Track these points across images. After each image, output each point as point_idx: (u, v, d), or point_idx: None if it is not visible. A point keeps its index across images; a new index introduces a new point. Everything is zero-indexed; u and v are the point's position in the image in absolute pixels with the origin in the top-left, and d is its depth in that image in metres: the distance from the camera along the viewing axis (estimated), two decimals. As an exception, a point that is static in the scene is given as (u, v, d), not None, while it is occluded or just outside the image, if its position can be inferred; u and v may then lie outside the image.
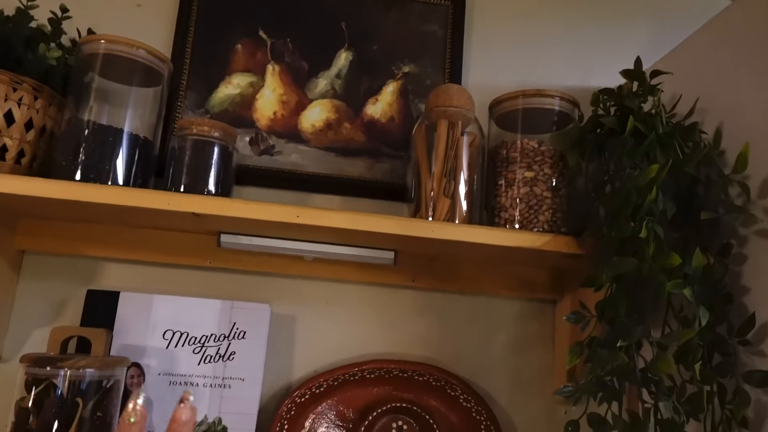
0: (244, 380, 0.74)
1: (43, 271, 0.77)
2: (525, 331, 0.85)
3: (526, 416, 0.82)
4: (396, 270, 0.80)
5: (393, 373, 0.78)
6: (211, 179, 0.70)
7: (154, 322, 0.74)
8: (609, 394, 0.61)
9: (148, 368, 0.73)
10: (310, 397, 0.76)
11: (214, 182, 0.70)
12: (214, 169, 0.71)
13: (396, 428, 0.77)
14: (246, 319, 0.75)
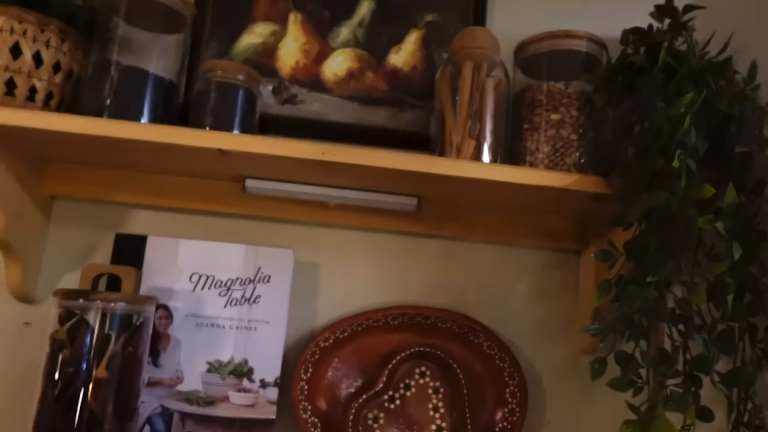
0: (269, 323, 0.75)
1: (73, 217, 0.79)
2: (548, 282, 0.84)
3: (550, 365, 0.82)
4: (419, 218, 0.80)
5: (416, 320, 0.78)
6: (235, 122, 0.70)
7: (181, 265, 0.75)
8: (636, 332, 0.61)
9: (176, 310, 0.74)
10: (333, 342, 0.77)
11: (239, 125, 0.70)
12: (238, 111, 0.71)
13: (419, 373, 0.78)
14: (270, 264, 0.76)
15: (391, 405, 0.76)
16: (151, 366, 0.72)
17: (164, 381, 0.72)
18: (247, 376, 0.73)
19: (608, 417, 0.81)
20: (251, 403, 0.73)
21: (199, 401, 0.72)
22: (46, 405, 0.61)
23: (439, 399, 0.77)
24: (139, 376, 0.66)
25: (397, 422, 0.76)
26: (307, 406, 0.75)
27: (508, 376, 0.78)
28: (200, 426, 0.72)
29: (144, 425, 0.71)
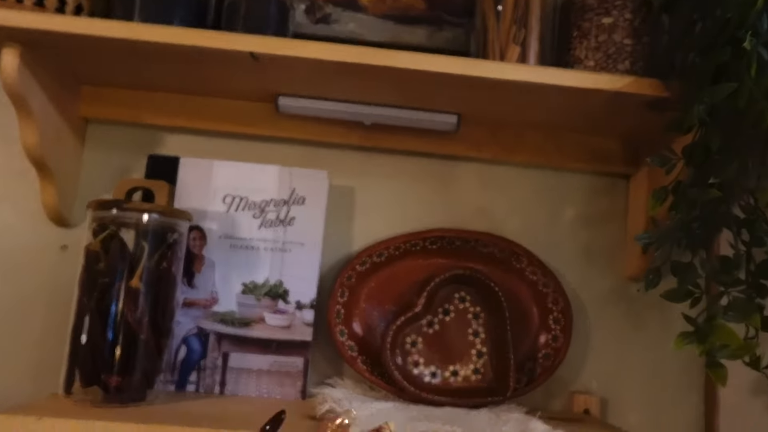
0: (303, 245, 0.73)
1: (107, 140, 0.78)
2: (595, 208, 0.80)
3: (596, 294, 0.78)
4: (458, 139, 0.76)
5: (455, 244, 0.75)
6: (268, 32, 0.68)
7: (214, 187, 0.73)
8: (695, 240, 0.56)
9: (210, 232, 0.73)
10: (370, 266, 0.75)
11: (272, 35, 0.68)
12: (271, 21, 0.68)
13: (458, 298, 0.75)
14: (305, 185, 0.74)
15: (430, 330, 0.74)
16: (186, 287, 0.72)
17: (199, 302, 0.71)
18: (283, 297, 0.72)
19: (656, 346, 0.78)
20: (287, 324, 0.71)
21: (234, 322, 0.71)
22: (82, 314, 0.60)
23: (479, 324, 0.74)
24: (174, 293, 0.65)
25: (435, 347, 0.73)
26: (344, 329, 0.73)
27: (552, 301, 0.74)
28: (236, 347, 0.71)
29: (180, 345, 0.71)
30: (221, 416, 0.58)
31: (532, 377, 0.73)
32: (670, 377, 0.77)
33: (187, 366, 0.70)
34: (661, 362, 0.78)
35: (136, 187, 0.67)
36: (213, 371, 0.70)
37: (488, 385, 0.72)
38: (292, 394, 0.70)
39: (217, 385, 0.70)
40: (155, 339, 0.62)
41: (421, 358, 0.73)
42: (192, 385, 0.70)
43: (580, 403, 0.75)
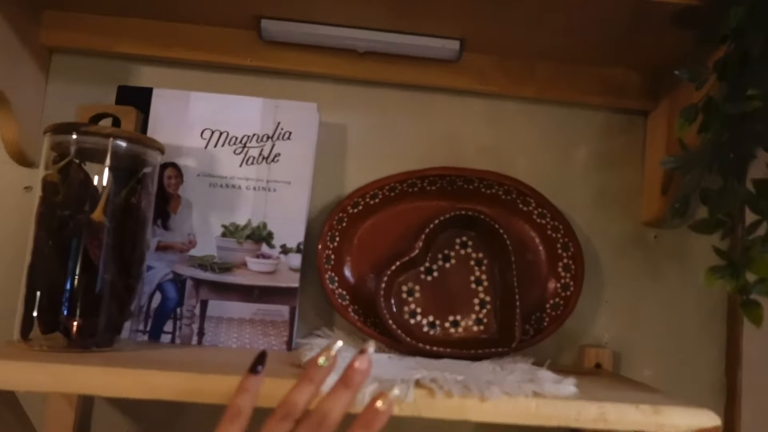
0: (290, 184, 0.66)
1: (73, 72, 0.71)
2: (610, 147, 0.73)
3: (609, 239, 0.72)
4: (461, 69, 0.69)
5: (457, 184, 0.68)
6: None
7: (191, 120, 0.66)
8: (727, 165, 0.50)
9: (186, 169, 0.66)
10: (363, 209, 0.68)
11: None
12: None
13: (460, 243, 0.69)
14: (291, 119, 0.67)
15: (428, 277, 0.68)
16: (161, 229, 0.65)
17: (175, 245, 0.65)
18: (267, 240, 0.65)
19: (673, 297, 0.72)
20: (271, 269, 0.65)
21: (213, 267, 0.65)
22: (40, 250, 0.54)
23: (483, 271, 0.68)
24: (143, 232, 0.59)
25: (434, 296, 0.67)
26: (334, 276, 0.67)
27: (562, 247, 0.68)
28: (216, 294, 0.65)
29: (154, 292, 0.64)
30: (195, 362, 0.52)
31: (540, 328, 0.66)
32: (689, 330, 0.71)
33: (162, 314, 0.64)
34: (678, 314, 0.71)
35: (100, 114, 0.61)
36: (190, 320, 0.64)
37: (491, 336, 0.66)
38: (277, 345, 0.64)
39: (194, 336, 0.64)
40: (122, 281, 0.56)
41: (418, 308, 0.67)
42: (167, 335, 0.64)
43: (591, 357, 0.69)
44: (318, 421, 0.39)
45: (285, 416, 0.39)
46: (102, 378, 0.47)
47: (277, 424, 0.39)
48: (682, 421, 0.48)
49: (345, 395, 0.40)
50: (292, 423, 0.39)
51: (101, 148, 0.55)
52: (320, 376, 0.41)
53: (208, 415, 0.66)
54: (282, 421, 0.39)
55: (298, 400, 0.40)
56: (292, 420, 0.39)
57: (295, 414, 0.39)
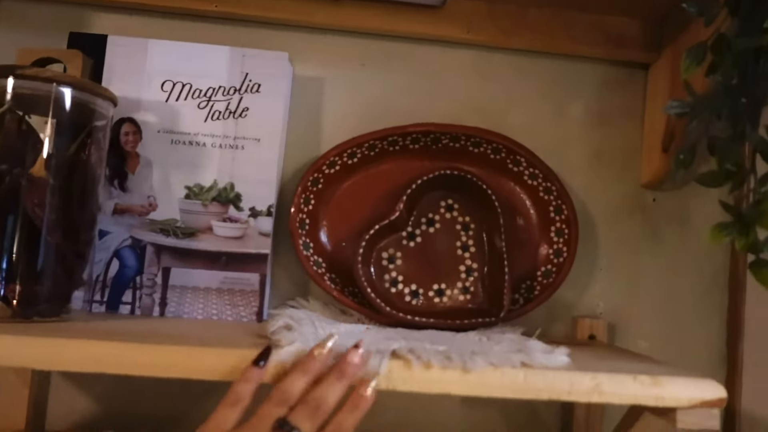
0: (259, 141, 0.61)
1: (22, 19, 0.64)
2: (608, 103, 0.68)
3: (606, 203, 0.67)
4: (447, 16, 0.64)
5: (442, 142, 0.63)
6: None
7: (150, 71, 0.61)
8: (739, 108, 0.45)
9: (146, 125, 0.60)
10: (340, 169, 0.63)
11: None
12: None
13: (445, 206, 0.64)
14: (260, 70, 0.61)
15: (411, 243, 0.63)
16: (118, 190, 0.60)
17: (134, 208, 0.60)
18: (234, 203, 0.60)
19: (673, 263, 0.67)
20: (239, 234, 0.60)
21: (176, 232, 0.60)
22: (-25, 209, 0.49)
23: (469, 236, 0.63)
24: (94, 192, 0.53)
25: (417, 263, 0.62)
26: (309, 242, 0.62)
27: (555, 210, 0.63)
28: (179, 261, 0.59)
29: (111, 259, 0.59)
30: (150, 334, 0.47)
31: (530, 297, 0.62)
32: (688, 299, 0.67)
33: (120, 283, 0.59)
34: (678, 282, 0.67)
35: (43, 59, 0.55)
36: (151, 290, 0.59)
37: (479, 306, 0.62)
38: (247, 316, 0.60)
39: (156, 306, 0.59)
40: (70, 245, 0.51)
41: (400, 276, 0.62)
42: (126, 306, 0.59)
43: (585, 327, 0.64)
44: (313, 408, 0.40)
45: (280, 402, 0.40)
46: (41, 350, 0.42)
47: (273, 408, 0.40)
48: (684, 392, 0.43)
49: (338, 385, 0.41)
50: (287, 409, 0.40)
51: (43, 96, 0.49)
52: (315, 368, 0.42)
53: (175, 393, 0.62)
54: (277, 406, 0.40)
55: (292, 388, 0.41)
56: (288, 406, 0.40)
57: (290, 400, 0.40)
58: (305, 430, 0.39)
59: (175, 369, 0.42)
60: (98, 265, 0.58)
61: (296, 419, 0.39)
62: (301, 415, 0.40)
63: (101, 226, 0.58)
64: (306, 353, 0.43)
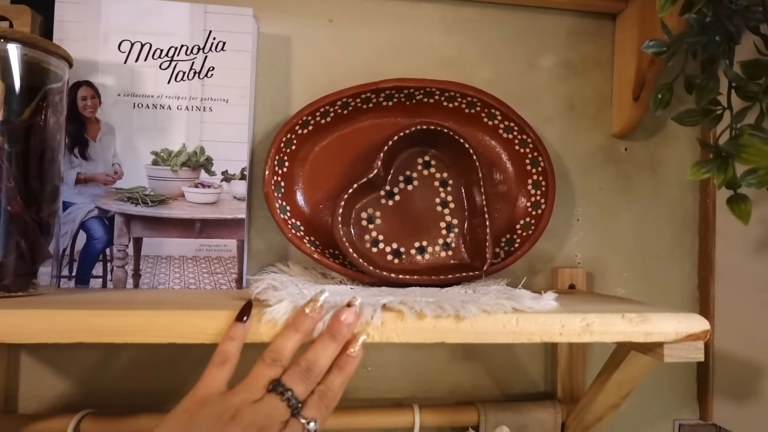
0: (227, 101, 0.58)
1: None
2: (577, 54, 0.68)
3: (579, 153, 0.68)
4: (415, -33, 0.62)
5: (416, 98, 0.62)
6: None
7: (105, 30, 0.57)
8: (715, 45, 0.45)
9: (104, 88, 0.57)
10: (314, 129, 0.61)
11: None
12: None
13: (422, 163, 0.63)
14: (224, 27, 0.58)
15: (390, 201, 0.62)
16: (79, 159, 0.56)
17: (98, 177, 0.56)
18: (205, 167, 0.58)
19: (646, 211, 0.68)
20: (212, 200, 0.58)
21: (145, 200, 0.57)
22: (-77, 180, 0.45)
23: (448, 192, 0.63)
24: (54, 159, 0.50)
25: (397, 221, 0.62)
26: (285, 205, 0.60)
27: (531, 163, 0.63)
28: (150, 230, 0.57)
29: (78, 231, 0.56)
30: (128, 301, 0.45)
31: (511, 251, 0.62)
32: (661, 245, 0.69)
33: (89, 256, 0.56)
34: (650, 229, 0.69)
35: (-14, 16, 0.50)
36: (123, 261, 0.56)
37: (461, 261, 0.62)
38: (226, 283, 0.58)
39: (129, 278, 0.56)
40: (33, 216, 0.48)
41: (380, 235, 0.61)
42: (97, 279, 0.56)
43: (565, 277, 0.65)
44: (305, 369, 0.40)
45: (273, 362, 0.40)
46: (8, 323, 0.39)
47: (266, 369, 0.39)
48: (671, 327, 0.44)
49: (331, 345, 0.41)
50: (280, 369, 0.40)
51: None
52: (306, 325, 0.41)
53: (151, 367, 0.60)
54: (270, 366, 0.40)
55: (284, 347, 0.40)
56: (280, 366, 0.40)
57: (283, 361, 0.40)
58: (298, 391, 0.39)
59: (157, 333, 0.40)
60: (64, 238, 0.55)
61: (290, 381, 0.39)
62: (293, 376, 0.39)
63: (64, 198, 0.55)
64: (297, 310, 0.42)
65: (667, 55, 0.46)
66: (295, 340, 0.41)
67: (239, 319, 0.41)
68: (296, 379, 0.39)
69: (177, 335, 0.40)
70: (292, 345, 0.40)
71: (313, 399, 0.40)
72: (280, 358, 0.40)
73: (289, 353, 0.40)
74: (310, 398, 0.40)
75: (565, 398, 0.64)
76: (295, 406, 0.38)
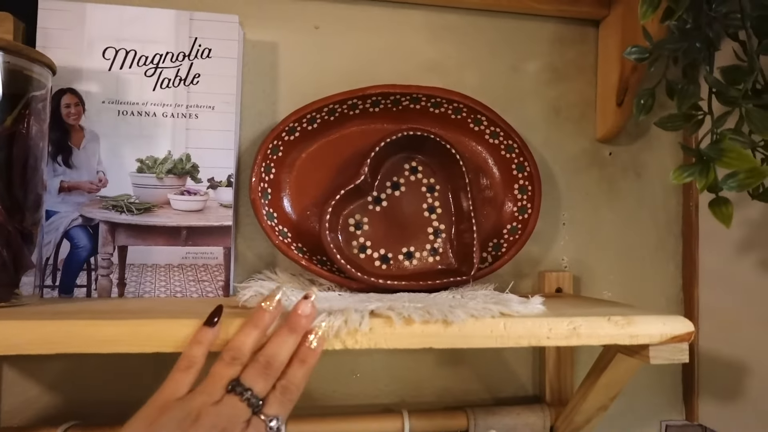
0: (213, 108, 0.58)
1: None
2: (562, 60, 0.68)
3: (564, 158, 0.68)
4: (401, -26, 0.62)
5: (402, 104, 0.62)
6: None
7: (90, 37, 0.56)
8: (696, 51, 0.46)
9: (88, 95, 0.56)
10: (300, 135, 0.61)
11: None
12: None
13: (409, 169, 0.63)
14: (210, 34, 0.58)
15: (377, 207, 0.62)
16: (63, 167, 0.56)
17: (82, 185, 0.56)
18: (191, 174, 0.57)
19: (630, 215, 0.69)
20: (199, 207, 0.57)
21: (130, 208, 0.56)
22: None
23: (435, 198, 0.63)
24: (37, 167, 0.49)
25: (384, 227, 0.62)
26: (272, 212, 0.60)
27: (517, 168, 0.63)
28: (136, 238, 0.56)
29: (61, 240, 0.55)
30: (113, 311, 0.44)
31: (498, 255, 0.62)
32: (646, 248, 0.70)
33: (73, 266, 0.55)
34: (635, 233, 0.69)
35: (-32, 23, 0.50)
36: (107, 270, 0.56)
37: (448, 266, 0.62)
38: (213, 291, 0.57)
39: (114, 287, 0.56)
40: (15, 225, 0.47)
41: (368, 241, 0.61)
42: (81, 289, 0.55)
43: (552, 281, 0.66)
44: (264, 365, 0.39)
45: (232, 360, 0.39)
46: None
47: (225, 368, 0.39)
48: (656, 329, 0.45)
49: (290, 339, 0.40)
50: (240, 367, 0.39)
51: (-29, 63, 0.45)
52: (265, 322, 0.41)
53: (135, 377, 0.59)
54: (229, 365, 0.39)
55: (243, 345, 0.40)
56: (240, 364, 0.39)
57: (242, 358, 0.39)
58: (258, 389, 0.39)
59: (143, 343, 0.39)
60: (47, 247, 0.55)
61: (249, 379, 0.39)
62: (253, 374, 0.39)
63: (48, 206, 0.54)
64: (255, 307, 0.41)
65: (649, 61, 0.46)
66: (253, 337, 0.40)
67: (208, 323, 0.40)
68: (255, 377, 0.39)
69: (163, 344, 0.40)
70: (252, 342, 0.40)
71: (275, 395, 0.39)
72: (239, 356, 0.39)
73: (248, 351, 0.40)
74: (271, 394, 0.39)
75: (553, 401, 0.64)
76: (256, 404, 0.38)
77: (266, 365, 0.39)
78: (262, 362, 0.39)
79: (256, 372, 0.39)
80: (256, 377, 0.39)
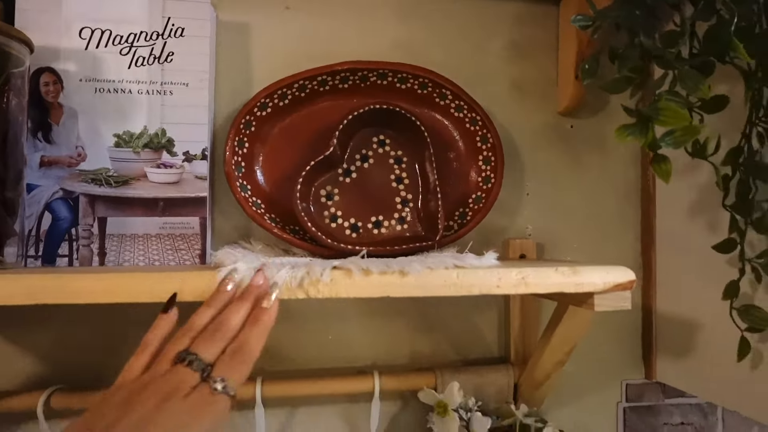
0: (188, 85, 0.61)
1: None
2: (524, 38, 0.71)
3: (528, 131, 0.71)
4: (366, -44, 0.65)
5: (370, 80, 0.65)
6: None
7: (67, 18, 0.59)
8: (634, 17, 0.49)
9: (66, 74, 0.59)
10: (273, 111, 0.64)
11: None
12: None
13: (377, 142, 0.66)
14: (182, 13, 0.61)
15: (347, 179, 0.65)
16: (43, 142, 0.58)
17: (62, 160, 0.58)
18: (167, 148, 0.60)
19: (591, 185, 0.73)
20: (175, 179, 0.60)
21: (109, 181, 0.59)
22: None
23: (402, 169, 0.66)
24: (17, 141, 0.52)
25: (354, 198, 0.65)
26: (246, 184, 0.62)
27: (481, 139, 0.66)
28: (114, 210, 0.59)
29: (43, 212, 0.58)
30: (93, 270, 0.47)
31: (463, 223, 0.65)
32: (607, 216, 0.73)
33: (55, 236, 0.58)
34: (596, 201, 0.73)
35: (-52, 3, 0.52)
36: (88, 240, 0.58)
37: (415, 233, 0.65)
38: (190, 259, 0.60)
39: (95, 256, 0.58)
40: (-2, 195, 0.50)
41: (338, 211, 0.64)
42: (63, 258, 0.58)
43: (516, 248, 0.69)
44: (212, 331, 0.41)
45: (182, 335, 0.41)
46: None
47: (175, 344, 0.40)
48: (599, 278, 0.48)
49: (242, 307, 0.42)
50: (188, 340, 0.40)
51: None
52: (219, 302, 0.43)
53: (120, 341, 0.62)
54: (178, 340, 0.40)
55: (197, 323, 0.42)
56: (189, 338, 0.41)
57: (192, 332, 0.41)
58: (205, 355, 0.39)
59: (120, 293, 0.42)
60: (29, 219, 0.57)
61: (196, 347, 0.39)
62: (200, 341, 0.40)
63: (29, 180, 0.57)
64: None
65: (593, 28, 0.50)
66: (208, 315, 0.42)
67: (164, 310, 0.42)
68: (203, 343, 0.40)
69: (138, 295, 0.42)
70: (205, 320, 0.41)
71: (224, 359, 0.39)
72: (191, 332, 0.40)
73: (199, 326, 0.41)
74: (220, 358, 0.39)
75: (518, 361, 0.67)
76: (204, 369, 0.38)
77: (214, 331, 0.40)
78: (210, 329, 0.40)
79: (204, 339, 0.40)
80: (203, 344, 0.39)
